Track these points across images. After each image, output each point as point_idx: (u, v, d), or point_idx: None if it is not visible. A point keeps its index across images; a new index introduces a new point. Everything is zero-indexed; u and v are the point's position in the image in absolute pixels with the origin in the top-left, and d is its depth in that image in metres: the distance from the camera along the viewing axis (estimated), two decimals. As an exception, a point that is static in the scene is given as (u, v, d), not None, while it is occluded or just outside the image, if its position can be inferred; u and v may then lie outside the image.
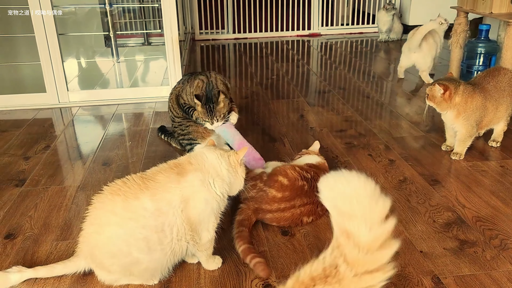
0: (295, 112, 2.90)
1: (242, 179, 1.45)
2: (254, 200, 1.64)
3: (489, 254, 1.50)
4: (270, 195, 1.63)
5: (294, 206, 1.65)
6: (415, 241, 1.57)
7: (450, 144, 2.26)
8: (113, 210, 1.28)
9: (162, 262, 1.34)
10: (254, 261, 1.41)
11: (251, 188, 1.66)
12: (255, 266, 1.40)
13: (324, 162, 1.86)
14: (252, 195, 1.64)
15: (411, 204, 1.80)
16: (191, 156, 1.40)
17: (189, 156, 1.41)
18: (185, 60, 4.36)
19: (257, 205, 1.64)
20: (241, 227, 1.56)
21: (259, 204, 1.64)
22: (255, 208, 1.64)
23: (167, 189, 1.30)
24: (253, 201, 1.64)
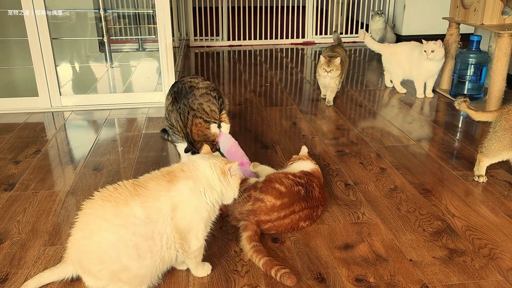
0: (287, 120, 2.91)
1: (236, 189, 1.43)
2: (252, 213, 1.62)
3: (478, 263, 1.50)
4: (268, 204, 1.62)
5: (294, 211, 1.64)
6: (405, 249, 1.58)
7: None
8: (104, 216, 1.27)
9: (152, 270, 1.33)
10: (280, 273, 1.40)
11: (246, 200, 1.64)
12: (282, 277, 1.39)
13: (317, 168, 1.86)
14: (249, 208, 1.63)
15: (401, 213, 1.81)
16: (183, 164, 1.40)
17: (182, 164, 1.40)
18: (179, 66, 4.36)
19: (256, 218, 1.61)
20: (253, 242, 1.53)
21: (258, 216, 1.62)
22: (255, 221, 1.61)
23: (157, 197, 1.30)
24: (252, 214, 1.62)
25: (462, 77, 3.17)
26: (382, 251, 1.57)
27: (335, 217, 1.78)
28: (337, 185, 2.03)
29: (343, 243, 1.62)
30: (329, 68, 3.05)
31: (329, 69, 3.05)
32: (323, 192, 1.77)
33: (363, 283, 1.41)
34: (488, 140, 2.00)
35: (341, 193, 1.97)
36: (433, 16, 4.98)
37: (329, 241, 1.63)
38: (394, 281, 1.42)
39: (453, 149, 2.45)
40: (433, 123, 2.86)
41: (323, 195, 1.76)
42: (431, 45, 3.11)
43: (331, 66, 3.05)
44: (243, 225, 1.61)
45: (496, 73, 2.83)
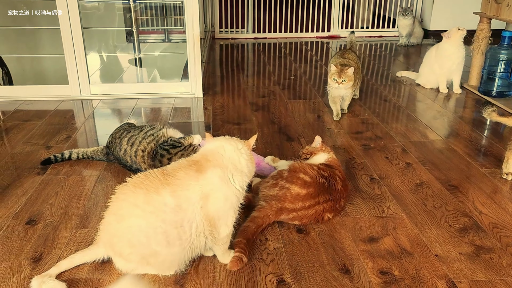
0: (312, 113, 2.91)
1: (255, 164, 1.48)
2: (277, 198, 1.64)
3: (505, 261, 1.49)
4: (293, 192, 1.63)
5: (318, 202, 1.65)
6: (431, 244, 1.57)
7: None
8: (135, 202, 1.30)
9: (180, 256, 1.36)
10: (235, 254, 1.44)
11: (273, 186, 1.67)
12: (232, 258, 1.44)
13: (333, 156, 1.85)
14: (274, 194, 1.65)
15: (427, 208, 1.80)
16: (207, 153, 1.42)
17: (206, 153, 1.42)
18: (205, 57, 4.39)
19: (280, 204, 1.63)
20: (249, 223, 1.57)
21: (283, 203, 1.63)
22: (278, 208, 1.63)
23: (186, 186, 1.33)
24: (276, 199, 1.64)
25: (492, 74, 3.11)
26: (407, 245, 1.57)
27: (360, 210, 1.78)
28: (362, 179, 2.03)
29: (368, 236, 1.62)
30: (340, 79, 2.66)
31: (340, 80, 2.66)
32: (345, 184, 1.77)
33: (387, 275, 1.42)
34: (519, 137, 1.97)
35: (366, 186, 1.97)
36: (462, 10, 4.89)
37: (354, 234, 1.63)
38: (419, 275, 1.42)
39: (480, 146, 2.41)
40: (460, 119, 2.82)
41: (345, 188, 1.76)
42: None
43: (343, 76, 2.66)
44: (260, 205, 1.64)
45: (527, 70, 2.77)
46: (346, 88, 2.72)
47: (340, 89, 2.72)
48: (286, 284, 1.38)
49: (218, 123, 2.71)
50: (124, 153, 2.00)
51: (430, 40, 5.24)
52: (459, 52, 3.22)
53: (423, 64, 3.46)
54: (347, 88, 2.73)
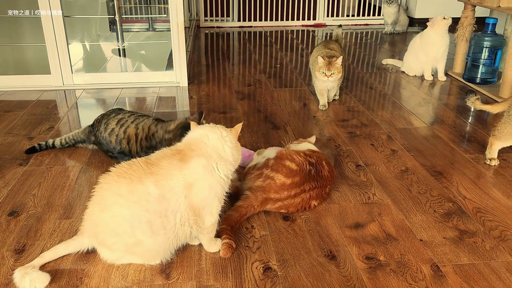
0: (298, 101, 2.90)
1: (241, 153, 1.47)
2: (262, 189, 1.63)
3: (488, 245, 1.51)
4: (278, 182, 1.63)
5: (304, 190, 1.65)
6: (415, 229, 1.59)
7: None
8: (119, 191, 1.29)
9: (165, 245, 1.35)
10: (223, 241, 1.45)
11: (258, 177, 1.66)
12: (222, 245, 1.44)
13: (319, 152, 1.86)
14: (259, 184, 1.65)
15: (412, 194, 1.81)
16: (191, 141, 1.40)
17: (190, 142, 1.40)
18: (190, 46, 4.35)
19: (265, 195, 1.63)
20: (232, 212, 1.57)
21: (268, 193, 1.63)
22: (263, 198, 1.63)
23: (170, 176, 1.31)
24: (261, 190, 1.63)
25: (476, 61, 3.14)
26: (392, 231, 1.58)
27: (346, 197, 1.79)
28: (348, 166, 2.04)
29: (354, 222, 1.63)
30: (330, 71, 2.57)
31: (330, 72, 2.57)
32: (331, 170, 1.77)
33: (373, 261, 1.43)
34: (502, 123, 1.99)
35: (352, 173, 1.97)
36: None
37: (340, 220, 1.64)
38: (404, 260, 1.43)
39: (465, 132, 2.44)
40: (445, 106, 2.84)
41: (331, 174, 1.76)
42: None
43: (332, 69, 2.56)
44: (245, 195, 1.64)
45: (511, 56, 2.79)
46: (334, 80, 2.64)
47: (328, 82, 2.65)
48: (273, 271, 1.38)
49: (204, 112, 2.69)
50: (110, 133, 1.97)
51: (415, 28, 5.25)
52: (443, 40, 3.23)
53: (408, 52, 3.47)
54: (335, 81, 2.66)
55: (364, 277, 1.36)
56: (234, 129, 1.46)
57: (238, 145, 1.46)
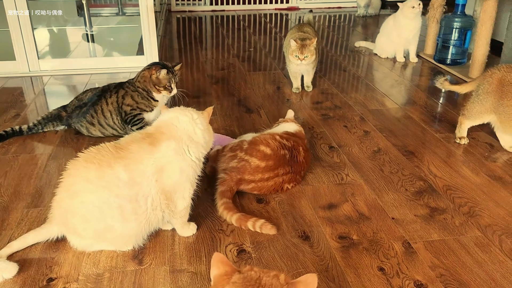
0: (271, 84, 2.88)
1: (213, 136, 1.45)
2: (236, 170, 1.63)
3: (458, 221, 1.54)
4: (253, 164, 1.62)
5: (277, 175, 1.65)
6: (387, 208, 1.61)
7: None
8: (87, 177, 1.26)
9: (137, 231, 1.33)
10: (258, 224, 1.44)
11: (232, 158, 1.65)
12: (262, 228, 1.44)
13: (301, 130, 1.87)
14: (234, 166, 1.64)
15: (384, 174, 1.83)
16: (161, 124, 1.37)
17: (160, 125, 1.38)
18: (161, 30, 4.26)
19: (239, 176, 1.62)
20: (224, 199, 1.55)
21: (242, 174, 1.62)
22: (237, 179, 1.62)
23: (140, 160, 1.29)
24: (235, 171, 1.63)
25: (446, 42, 3.18)
26: (365, 210, 1.59)
27: (319, 178, 1.80)
28: (321, 148, 2.04)
29: (327, 203, 1.64)
30: (303, 55, 2.52)
31: (303, 56, 2.52)
32: (307, 155, 1.77)
33: (346, 240, 1.44)
34: (471, 103, 2.02)
35: (325, 155, 1.98)
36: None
37: (313, 201, 1.64)
38: (376, 238, 1.45)
39: (436, 112, 2.47)
40: (416, 87, 2.87)
41: (307, 159, 1.77)
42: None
43: (305, 52, 2.52)
44: (221, 178, 1.63)
45: (480, 37, 2.84)
46: (308, 63, 2.61)
47: (302, 65, 2.61)
48: (247, 253, 1.38)
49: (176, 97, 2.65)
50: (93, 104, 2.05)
51: (387, 11, 5.28)
52: (415, 22, 3.25)
53: (380, 34, 3.48)
54: (309, 64, 2.62)
55: (337, 256, 1.37)
56: (205, 112, 1.44)
57: (209, 127, 1.45)
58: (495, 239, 1.44)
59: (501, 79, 1.90)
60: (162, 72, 2.02)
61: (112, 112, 2.04)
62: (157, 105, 2.11)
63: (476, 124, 2.06)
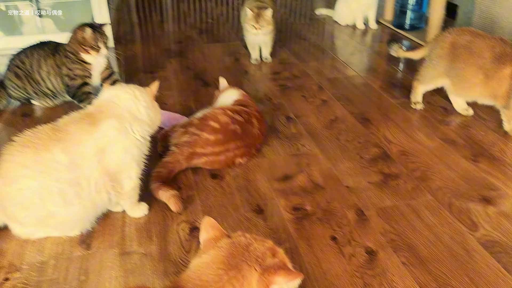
0: (230, 56, 2.82)
1: (159, 113, 1.40)
2: (187, 144, 1.60)
3: (410, 185, 1.55)
4: (203, 137, 1.60)
5: (228, 149, 1.62)
6: (342, 177, 1.60)
7: None
8: (24, 162, 1.20)
9: (82, 215, 1.28)
10: (167, 194, 1.41)
11: (183, 133, 1.62)
12: (169, 200, 1.41)
13: (243, 93, 1.84)
14: (185, 140, 1.60)
15: (340, 142, 1.83)
16: (101, 103, 1.32)
17: (100, 103, 1.32)
18: (115, 4, 4.08)
19: (191, 150, 1.59)
20: (161, 168, 1.53)
21: (193, 148, 1.59)
22: (189, 153, 1.59)
23: (79, 141, 1.23)
24: (187, 145, 1.60)
25: (404, 7, 3.16)
26: (320, 180, 1.59)
27: (275, 150, 1.78)
28: (278, 119, 2.02)
29: (282, 175, 1.62)
30: (258, 24, 2.47)
31: (258, 25, 2.47)
32: (262, 126, 1.74)
33: (300, 211, 1.43)
34: (424, 67, 2.02)
35: (282, 126, 1.95)
36: None
37: (269, 174, 1.63)
38: (330, 207, 1.45)
39: (394, 79, 2.47)
40: (376, 54, 2.86)
41: (262, 130, 1.74)
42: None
43: (260, 21, 2.46)
44: (171, 151, 1.60)
45: (435, 0, 2.83)
46: (265, 34, 2.54)
47: (259, 35, 2.54)
48: (199, 231, 1.35)
49: (131, 72, 2.57)
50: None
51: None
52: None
53: (339, 1, 3.43)
54: (266, 34, 2.56)
55: (290, 228, 1.36)
56: (148, 88, 1.38)
57: (154, 104, 1.39)
58: (445, 202, 1.46)
59: (453, 43, 1.90)
60: (87, 30, 1.98)
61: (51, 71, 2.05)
62: (92, 68, 2.08)
63: (430, 88, 2.06)
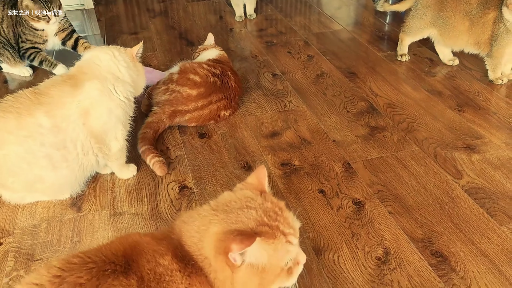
0: (214, 14, 2.76)
1: (144, 76, 1.38)
2: (169, 103, 1.59)
3: (396, 137, 1.57)
4: (184, 94, 1.59)
5: (211, 102, 1.62)
6: (329, 131, 1.61)
7: None
8: (7, 128, 1.18)
9: (70, 178, 1.28)
10: (153, 161, 1.42)
11: (164, 92, 1.61)
12: (154, 165, 1.41)
13: (224, 54, 1.83)
14: (166, 98, 1.59)
15: (327, 97, 1.82)
16: (82, 65, 1.29)
17: (81, 65, 1.30)
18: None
19: (173, 108, 1.59)
20: (146, 129, 1.53)
21: (175, 106, 1.59)
22: (171, 111, 1.59)
23: (62, 105, 1.21)
24: (168, 104, 1.59)
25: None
26: (307, 136, 1.60)
27: (262, 107, 1.77)
28: (264, 76, 2.00)
29: (270, 132, 1.62)
30: None
31: None
32: (238, 79, 1.74)
33: (288, 166, 1.45)
34: (410, 18, 2.00)
35: (268, 83, 1.94)
36: None
37: (256, 131, 1.63)
38: (317, 161, 1.46)
39: (381, 32, 2.44)
40: (363, 7, 2.82)
41: (238, 83, 1.73)
42: None
43: None
44: (154, 111, 1.60)
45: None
46: None
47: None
48: (189, 189, 1.37)
49: (114, 34, 2.51)
50: None
51: None
52: None
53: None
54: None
55: (279, 183, 1.38)
56: (128, 49, 1.36)
57: (137, 65, 1.37)
58: (431, 151, 1.49)
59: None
60: (25, 1, 1.91)
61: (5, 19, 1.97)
62: (45, 34, 2.02)
63: (416, 39, 2.05)
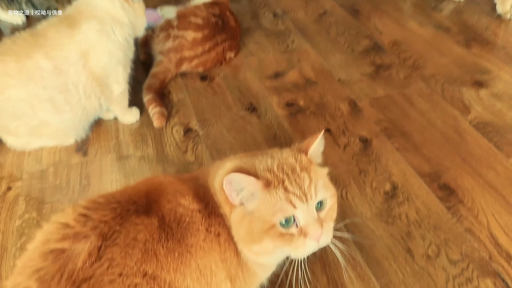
0: (209, -48, 2.63)
1: (143, 16, 1.33)
2: (174, 50, 1.53)
3: (402, 74, 1.54)
4: (189, 38, 1.53)
5: (217, 43, 1.57)
6: (334, 70, 1.58)
7: None
8: (7, 72, 1.16)
9: (74, 122, 1.27)
10: (153, 111, 1.38)
11: (166, 39, 1.55)
12: (153, 116, 1.38)
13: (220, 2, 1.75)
14: (170, 46, 1.54)
15: (330, 36, 1.77)
16: (79, 4, 1.24)
17: (78, 5, 1.24)
18: None
19: (179, 55, 1.54)
20: (153, 79, 1.49)
21: (181, 52, 1.54)
22: (177, 59, 1.54)
23: (61, 46, 1.18)
24: (173, 51, 1.53)
25: None
26: (312, 75, 1.56)
27: (264, 48, 1.73)
28: (265, 16, 1.94)
29: (273, 72, 1.59)
30: None
31: None
32: (236, 18, 1.68)
33: (293, 107, 1.43)
34: (417, -51, 1.91)
35: (269, 23, 1.88)
36: None
37: (259, 72, 1.60)
38: (323, 101, 1.44)
39: (383, -34, 2.34)
40: None
41: (238, 23, 1.68)
42: None
43: None
44: (158, 60, 1.55)
45: None
46: None
47: None
48: (194, 132, 1.35)
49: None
50: None
51: None
52: None
53: None
54: None
55: (284, 123, 1.37)
56: None
57: (136, 5, 1.31)
58: (438, 87, 1.46)
59: None
60: None
61: None
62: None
63: None
